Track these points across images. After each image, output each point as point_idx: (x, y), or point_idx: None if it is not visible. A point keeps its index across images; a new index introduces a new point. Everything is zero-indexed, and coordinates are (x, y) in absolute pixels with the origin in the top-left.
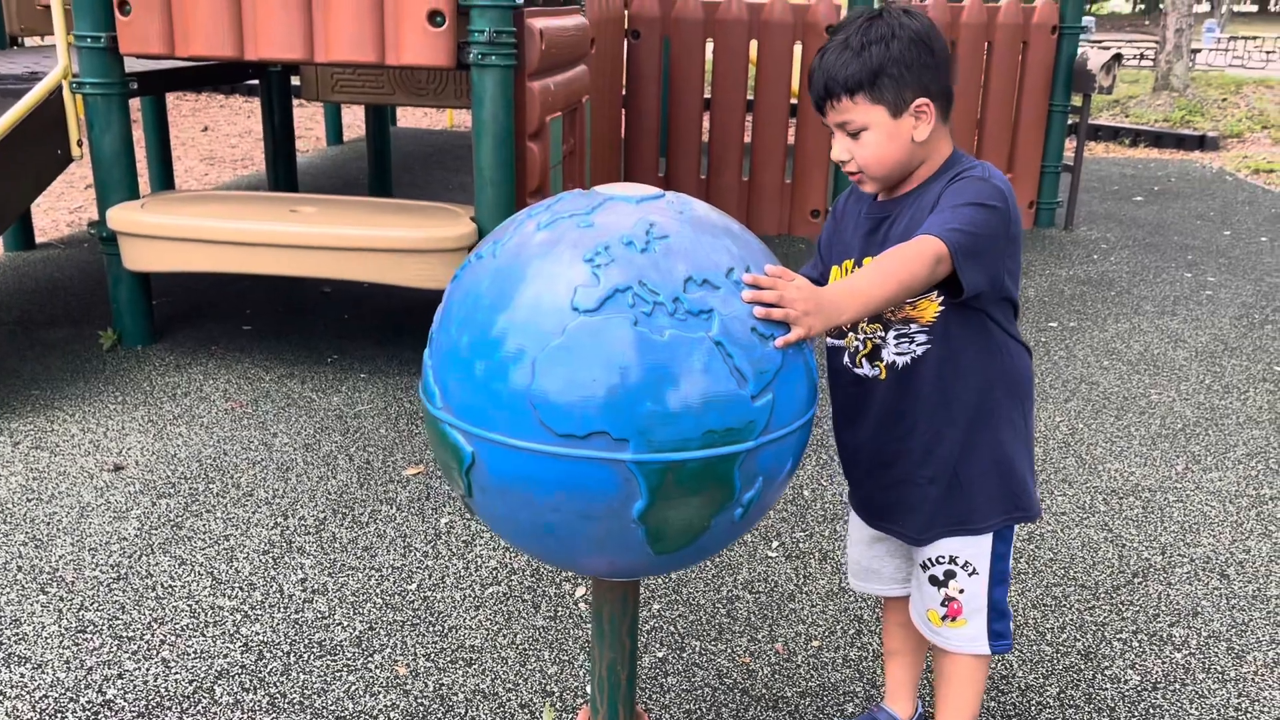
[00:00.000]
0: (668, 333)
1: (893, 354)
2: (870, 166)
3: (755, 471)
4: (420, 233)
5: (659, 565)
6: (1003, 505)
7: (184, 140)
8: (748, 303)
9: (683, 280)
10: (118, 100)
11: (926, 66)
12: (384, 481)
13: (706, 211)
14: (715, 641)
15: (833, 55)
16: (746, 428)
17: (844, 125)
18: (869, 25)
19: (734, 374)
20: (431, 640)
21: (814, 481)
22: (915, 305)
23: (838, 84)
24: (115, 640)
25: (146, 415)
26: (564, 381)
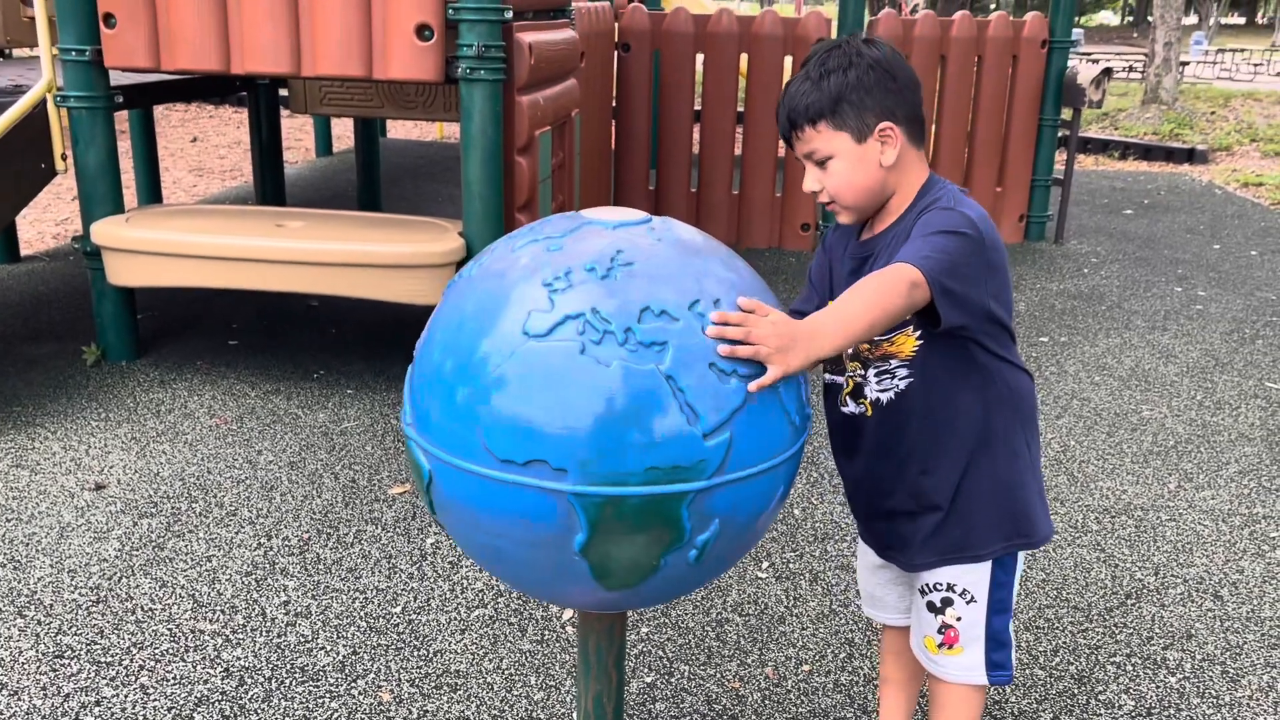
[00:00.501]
0: (615, 363)
1: (875, 391)
2: (841, 194)
3: (709, 513)
4: (407, 248)
5: (616, 601)
6: (1003, 531)
7: (173, 151)
8: (712, 339)
9: (639, 310)
10: (102, 114)
11: (889, 91)
12: (369, 500)
13: (692, 237)
14: (704, 666)
15: (794, 87)
16: (696, 467)
17: (811, 155)
18: (827, 56)
19: (684, 410)
20: (416, 665)
21: (804, 500)
22: (892, 341)
23: (800, 114)
24: (93, 666)
25: (129, 432)
26: (508, 406)
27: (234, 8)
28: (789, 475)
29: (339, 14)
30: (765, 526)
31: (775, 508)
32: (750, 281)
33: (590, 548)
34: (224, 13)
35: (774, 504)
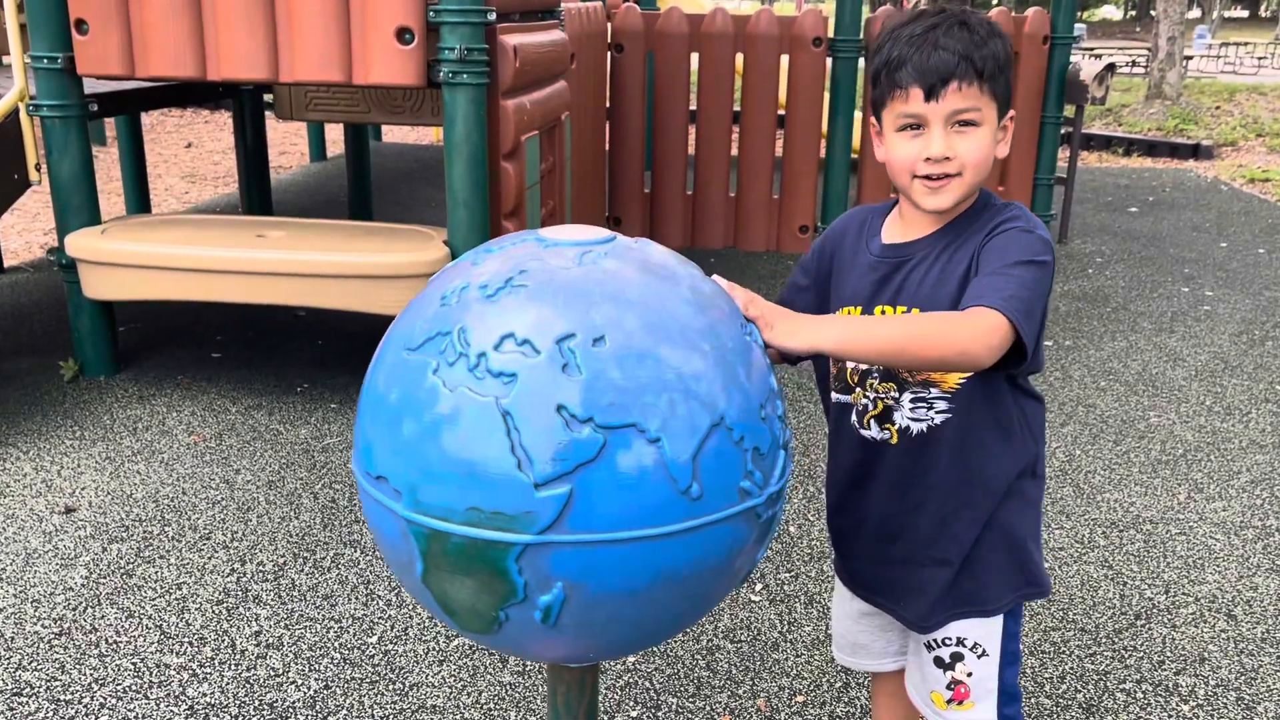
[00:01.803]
0: (460, 389)
1: (907, 418)
2: (974, 168)
3: (550, 573)
4: (389, 258)
5: (491, 642)
6: (1014, 582)
7: (166, 157)
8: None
9: (500, 337)
10: (76, 122)
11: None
12: (349, 522)
13: (641, 263)
14: (693, 698)
15: (956, 35)
16: (523, 518)
17: (961, 114)
18: (981, 20)
19: (515, 452)
20: (390, 700)
21: (800, 517)
22: None
23: (970, 66)
24: (52, 704)
25: (104, 451)
26: (371, 419)
27: (209, 13)
28: (691, 551)
29: (317, 18)
30: (675, 603)
31: (682, 584)
32: (690, 319)
33: (428, 579)
34: (199, 18)
35: (665, 581)
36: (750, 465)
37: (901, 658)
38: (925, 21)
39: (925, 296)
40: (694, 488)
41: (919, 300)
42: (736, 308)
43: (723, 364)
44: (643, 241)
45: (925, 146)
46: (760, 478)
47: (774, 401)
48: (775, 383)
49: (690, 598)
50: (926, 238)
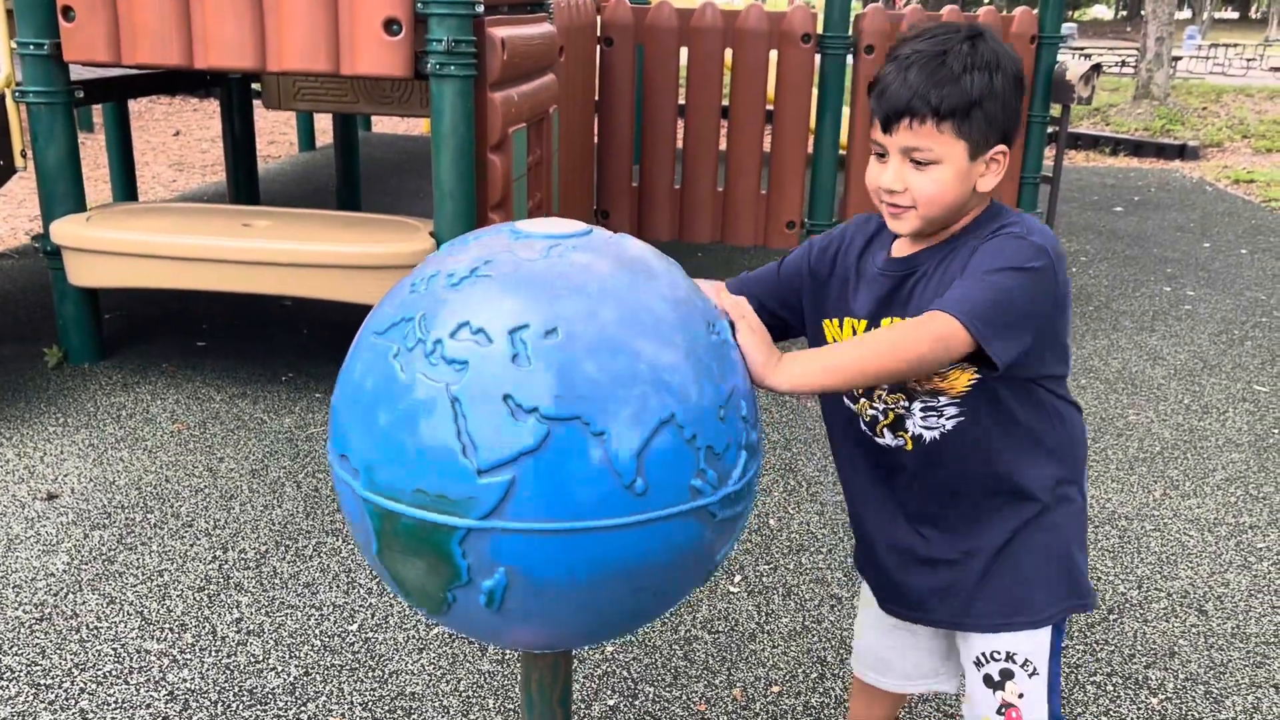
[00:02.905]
0: (416, 373)
1: (919, 426)
2: (927, 205)
3: (492, 559)
4: (375, 248)
5: (445, 622)
6: (1059, 592)
7: (155, 145)
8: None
9: (457, 325)
10: (62, 109)
11: (1015, 112)
12: (331, 510)
13: (614, 257)
14: (670, 687)
15: (925, 72)
16: (466, 502)
17: (913, 151)
18: (973, 47)
19: (460, 438)
20: (370, 687)
21: (780, 510)
22: (944, 376)
23: (926, 105)
24: (32, 688)
25: (87, 438)
26: (340, 398)
27: (196, 0)
28: (636, 546)
29: (305, 7)
30: (626, 596)
31: (630, 577)
32: (656, 316)
33: (382, 556)
34: (185, 6)
35: (610, 573)
36: (703, 464)
37: (927, 680)
38: (917, 45)
39: (926, 308)
40: (638, 483)
41: (921, 312)
42: (709, 307)
43: (685, 362)
44: (620, 236)
45: (882, 175)
46: (714, 477)
47: (739, 402)
48: (746, 383)
49: (641, 591)
50: (929, 249)
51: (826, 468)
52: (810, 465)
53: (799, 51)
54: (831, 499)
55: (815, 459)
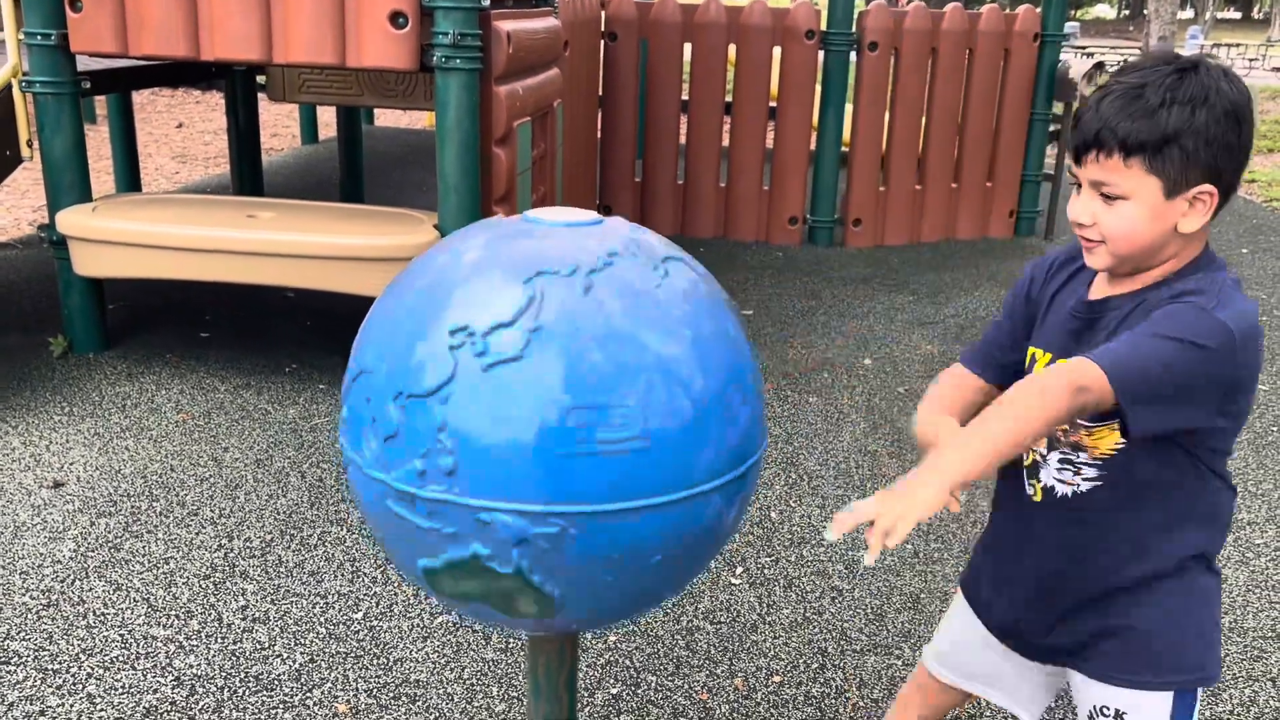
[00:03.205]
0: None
1: (1053, 478)
2: (1116, 242)
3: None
4: (380, 240)
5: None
6: (1188, 661)
7: (157, 137)
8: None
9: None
10: (69, 100)
11: (1228, 148)
12: (335, 501)
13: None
14: (672, 676)
15: (1119, 102)
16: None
17: (1101, 185)
18: (1179, 80)
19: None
20: (375, 674)
21: (782, 503)
22: (1091, 432)
23: (1114, 137)
24: (40, 673)
25: (93, 428)
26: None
27: None
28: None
29: (311, 0)
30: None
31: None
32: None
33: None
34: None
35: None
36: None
37: (1009, 699)
38: (1124, 76)
39: (1081, 350)
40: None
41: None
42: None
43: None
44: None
45: (1073, 206)
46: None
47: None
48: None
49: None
50: (1126, 296)
51: (828, 462)
52: (812, 459)
53: (802, 48)
54: (833, 493)
55: (817, 453)
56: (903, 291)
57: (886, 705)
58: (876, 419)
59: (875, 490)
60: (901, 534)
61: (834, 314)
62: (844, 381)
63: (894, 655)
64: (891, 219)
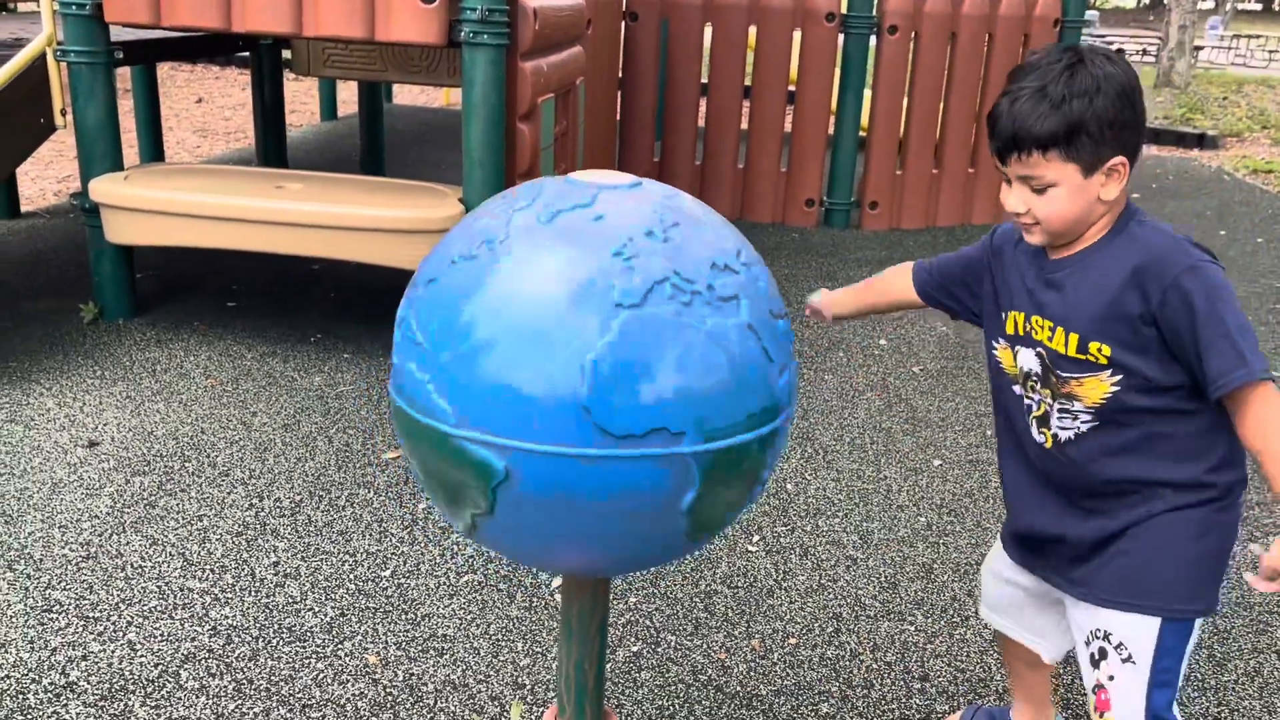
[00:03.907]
0: (709, 321)
1: (1056, 426)
2: (1050, 222)
3: (777, 449)
4: (406, 213)
5: (686, 550)
6: (1182, 591)
7: (177, 112)
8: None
9: (708, 266)
10: (103, 69)
11: (1127, 124)
12: (362, 465)
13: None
14: (691, 637)
15: (1027, 104)
16: (775, 407)
17: (1030, 179)
18: (1071, 74)
19: (763, 354)
20: (403, 628)
21: (798, 475)
22: (1081, 382)
23: (1029, 138)
24: (81, 621)
25: (124, 391)
26: (613, 379)
27: None
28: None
29: None
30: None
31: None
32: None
33: (697, 503)
34: None
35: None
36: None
37: (1028, 636)
38: (1020, 80)
39: (1072, 309)
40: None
41: (1066, 312)
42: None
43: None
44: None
45: (1007, 199)
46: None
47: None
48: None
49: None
50: (1077, 256)
51: (843, 437)
52: (827, 434)
53: (822, 30)
54: (847, 466)
55: (832, 429)
56: None
57: (899, 668)
58: (890, 397)
59: (889, 465)
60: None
61: None
62: (859, 361)
63: (907, 621)
64: (908, 202)
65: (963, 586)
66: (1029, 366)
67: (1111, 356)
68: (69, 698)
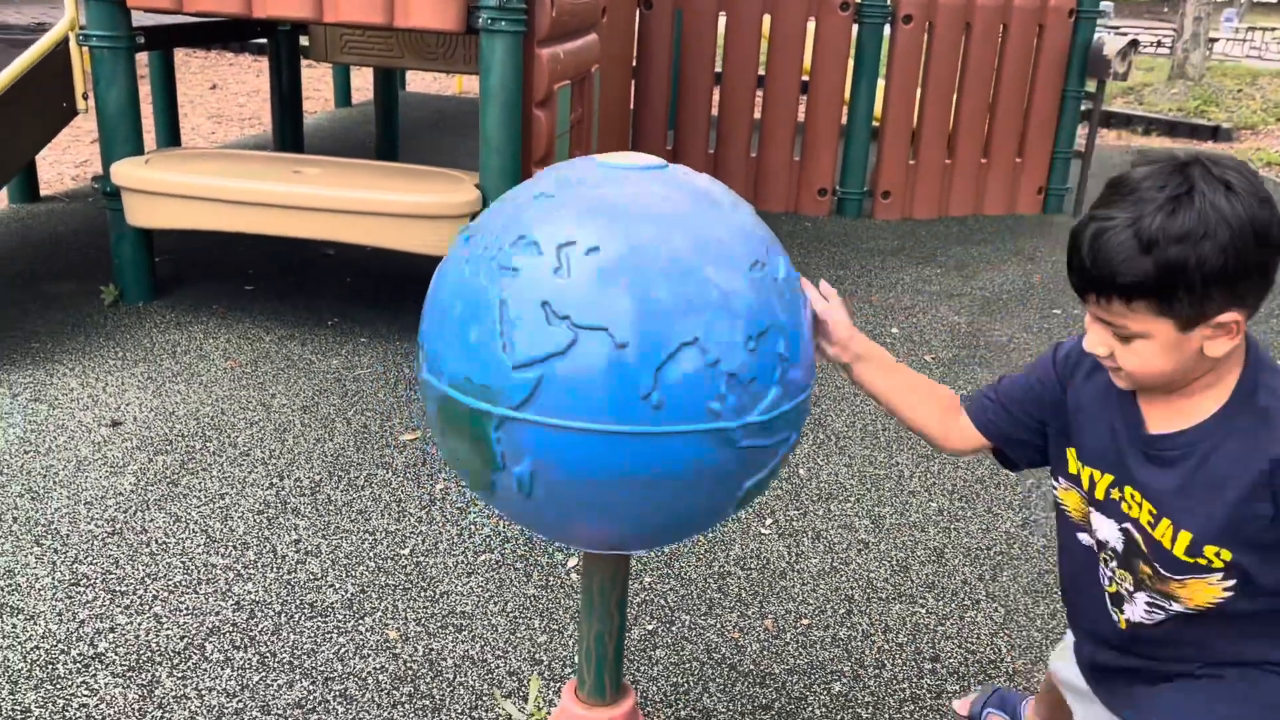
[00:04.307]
0: (480, 276)
1: (1140, 614)
2: (1136, 376)
3: (522, 447)
4: (425, 198)
5: (492, 503)
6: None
7: (192, 98)
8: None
9: (517, 237)
10: (124, 54)
11: (1245, 273)
12: (380, 446)
13: (682, 187)
14: (705, 616)
15: (1114, 237)
16: (501, 393)
17: (1111, 326)
18: (1174, 209)
19: (501, 335)
20: (422, 605)
21: (810, 460)
22: (1184, 584)
23: (1110, 287)
24: (108, 594)
25: (146, 372)
26: (429, 292)
27: None
28: (651, 455)
29: None
30: (643, 505)
31: (645, 486)
32: (703, 245)
33: (444, 437)
34: None
35: (626, 478)
36: (723, 389)
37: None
38: (1114, 198)
39: (1185, 501)
40: (654, 395)
41: (1178, 504)
42: (764, 243)
43: (716, 291)
44: (692, 172)
45: (1086, 336)
46: (734, 402)
47: (776, 337)
48: (792, 323)
49: (659, 505)
50: (1194, 432)
51: (855, 423)
52: (839, 420)
53: (837, 19)
54: (860, 452)
55: (844, 415)
56: (930, 264)
57: (910, 649)
58: None
59: (900, 451)
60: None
61: (861, 284)
62: None
63: (918, 604)
64: (920, 192)
65: (973, 571)
66: (1108, 539)
67: (1231, 561)
68: (97, 668)
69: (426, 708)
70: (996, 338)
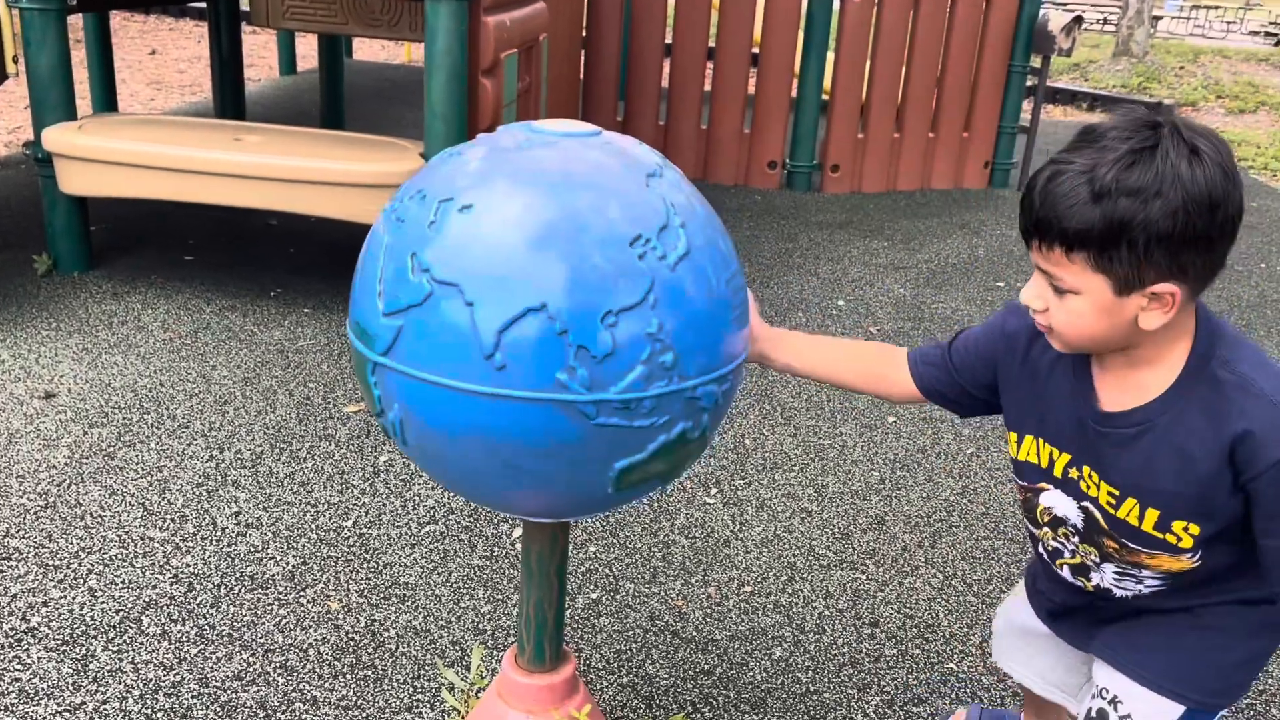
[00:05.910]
0: (381, 226)
1: (1110, 583)
2: (1064, 333)
3: (391, 394)
4: (368, 166)
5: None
6: (1205, 681)
7: (130, 63)
8: None
9: (416, 191)
10: (55, 16)
11: (1192, 242)
12: (324, 418)
13: (609, 151)
14: (649, 584)
15: (1066, 183)
16: (373, 339)
17: (1049, 276)
18: (1133, 163)
19: (379, 283)
20: (365, 576)
21: (756, 431)
22: (1154, 556)
23: (1054, 229)
24: (41, 569)
25: (80, 343)
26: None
27: None
28: (498, 419)
29: None
30: (495, 466)
31: (496, 450)
32: (587, 219)
33: (357, 375)
34: None
35: (476, 438)
36: (573, 360)
37: (1052, 689)
38: (1089, 141)
39: (1148, 480)
40: (497, 356)
41: (1142, 483)
42: (661, 221)
43: (578, 263)
44: (621, 138)
45: (1026, 287)
46: (585, 376)
47: (648, 317)
48: (682, 307)
49: (519, 470)
50: (1136, 410)
51: (800, 394)
52: (785, 392)
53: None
54: (805, 423)
55: (790, 386)
56: (878, 237)
57: (850, 614)
58: None
59: (844, 422)
60: None
61: (809, 257)
62: (818, 321)
63: (859, 570)
64: (869, 166)
65: (913, 538)
66: (1067, 515)
67: (1200, 535)
68: (30, 642)
69: (368, 678)
70: (940, 310)
